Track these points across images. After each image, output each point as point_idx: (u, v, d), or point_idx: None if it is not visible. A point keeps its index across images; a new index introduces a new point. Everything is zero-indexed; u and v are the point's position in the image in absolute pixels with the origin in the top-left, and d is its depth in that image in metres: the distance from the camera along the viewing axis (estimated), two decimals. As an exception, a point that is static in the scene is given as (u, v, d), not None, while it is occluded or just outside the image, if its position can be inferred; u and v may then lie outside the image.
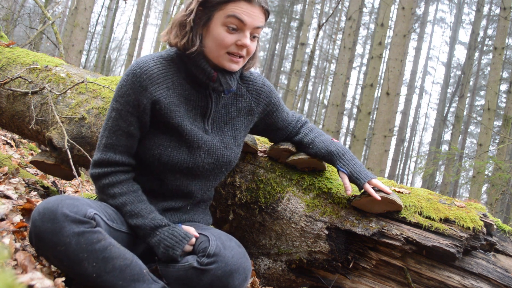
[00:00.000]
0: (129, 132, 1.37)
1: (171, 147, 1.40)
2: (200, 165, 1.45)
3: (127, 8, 29.90)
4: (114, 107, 1.37)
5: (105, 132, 1.40)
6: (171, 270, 1.28)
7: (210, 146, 1.46)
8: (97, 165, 1.40)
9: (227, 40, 1.33)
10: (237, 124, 1.54)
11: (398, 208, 1.63)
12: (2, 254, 0.91)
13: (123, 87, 1.36)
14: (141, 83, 1.34)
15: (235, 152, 1.54)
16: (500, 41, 9.10)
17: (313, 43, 6.89)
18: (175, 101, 1.39)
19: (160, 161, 1.40)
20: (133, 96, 1.34)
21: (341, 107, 13.20)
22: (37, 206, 1.18)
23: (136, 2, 19.04)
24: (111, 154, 1.38)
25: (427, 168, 9.77)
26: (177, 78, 1.40)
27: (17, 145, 3.72)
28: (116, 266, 1.17)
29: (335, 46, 18.22)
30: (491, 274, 1.60)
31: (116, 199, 1.36)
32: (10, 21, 7.67)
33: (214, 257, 1.23)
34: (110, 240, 1.20)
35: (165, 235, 1.32)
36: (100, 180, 1.39)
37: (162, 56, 1.40)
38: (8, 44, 2.42)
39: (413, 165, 23.31)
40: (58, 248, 1.13)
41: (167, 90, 1.37)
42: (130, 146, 1.40)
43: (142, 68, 1.35)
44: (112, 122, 1.38)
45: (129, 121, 1.36)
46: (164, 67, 1.38)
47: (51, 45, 11.51)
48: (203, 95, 1.44)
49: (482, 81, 17.83)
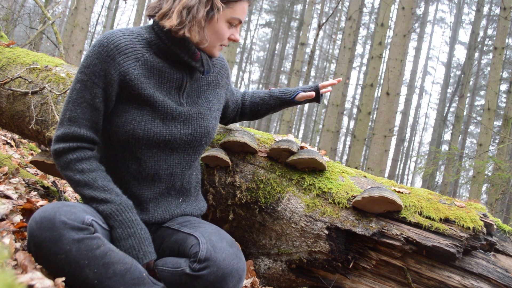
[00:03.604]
0: (94, 104, 1.33)
1: (144, 121, 1.36)
2: (177, 137, 1.42)
3: (127, 8, 29.93)
4: (79, 79, 1.32)
5: (69, 105, 1.33)
6: (165, 274, 1.28)
7: (185, 117, 1.44)
8: (61, 140, 1.33)
9: (226, 35, 1.42)
10: (209, 96, 1.56)
11: (398, 208, 1.63)
12: (2, 254, 0.91)
13: (88, 57, 1.32)
14: (108, 53, 1.31)
15: (213, 124, 1.53)
16: (500, 41, 9.10)
17: (313, 43, 6.89)
18: (145, 72, 1.37)
19: (135, 136, 1.36)
20: (99, 66, 1.31)
21: (341, 107, 13.20)
22: (33, 215, 1.16)
23: (136, 2, 19.05)
24: (76, 128, 1.33)
25: (427, 168, 9.77)
26: (147, 51, 1.38)
27: (17, 145, 3.72)
28: (117, 271, 1.16)
29: (335, 46, 18.22)
30: (491, 274, 1.60)
31: (86, 174, 1.30)
32: (10, 21, 7.67)
33: (205, 262, 1.22)
34: (109, 245, 1.19)
35: (131, 231, 1.29)
36: (66, 155, 1.32)
37: (130, 29, 1.39)
38: (8, 44, 2.42)
39: (413, 165, 23.32)
40: (58, 256, 1.12)
41: (136, 62, 1.35)
42: (95, 121, 1.35)
43: (109, 39, 1.32)
44: (76, 94, 1.32)
45: (94, 93, 1.31)
46: (133, 39, 1.36)
47: (51, 45, 11.52)
48: (177, 69, 1.43)
49: (482, 81, 17.83)
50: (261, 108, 1.91)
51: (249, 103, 1.92)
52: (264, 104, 1.90)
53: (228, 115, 1.87)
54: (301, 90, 1.86)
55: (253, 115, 1.95)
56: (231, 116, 1.89)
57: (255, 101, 1.91)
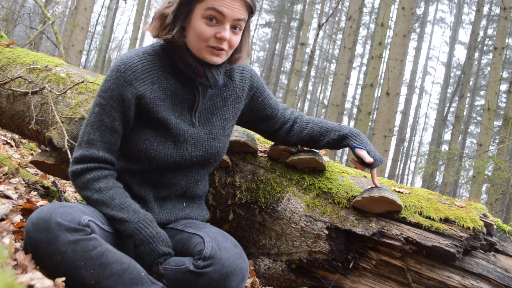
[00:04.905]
0: (113, 127, 1.35)
1: (157, 141, 1.40)
2: (188, 158, 1.45)
3: (127, 8, 29.93)
4: (97, 102, 1.36)
5: (87, 128, 1.36)
6: (168, 272, 1.28)
7: (196, 138, 1.45)
8: (79, 161, 1.36)
9: (207, 33, 1.31)
10: (225, 114, 1.53)
11: (398, 208, 1.63)
12: (2, 254, 0.91)
13: (107, 82, 1.35)
14: (126, 78, 1.33)
15: (223, 143, 1.53)
16: (500, 41, 9.10)
17: (313, 43, 6.89)
18: (160, 95, 1.38)
19: (147, 155, 1.39)
20: (117, 91, 1.33)
21: (341, 107, 13.19)
22: (30, 216, 1.17)
23: (136, 2, 19.05)
24: (94, 150, 1.35)
25: (427, 168, 9.77)
26: (162, 72, 1.40)
27: (17, 145, 3.72)
28: (114, 271, 1.16)
29: (335, 46, 18.22)
30: (491, 274, 1.60)
31: (103, 193, 1.32)
32: (10, 21, 7.67)
33: (209, 259, 1.22)
34: (106, 246, 1.19)
35: (150, 235, 1.31)
36: (84, 175, 1.34)
37: (147, 51, 1.40)
38: (8, 44, 2.42)
39: (413, 165, 23.31)
40: (54, 257, 1.12)
41: (152, 85, 1.37)
42: (113, 143, 1.38)
43: (127, 64, 1.34)
44: (95, 118, 1.35)
45: (113, 116, 1.34)
46: (149, 62, 1.38)
47: (51, 45, 11.52)
48: (190, 88, 1.44)
49: (482, 81, 17.82)
50: (301, 138, 1.75)
51: (292, 131, 1.74)
52: (304, 139, 1.74)
53: (267, 130, 1.73)
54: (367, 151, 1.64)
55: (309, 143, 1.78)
56: (270, 131, 1.74)
57: (300, 131, 1.74)
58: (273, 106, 1.69)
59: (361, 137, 1.66)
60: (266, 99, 1.67)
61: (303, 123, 1.73)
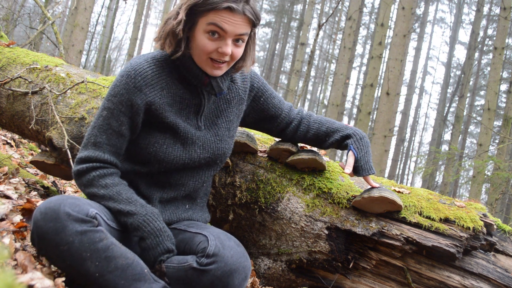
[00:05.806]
0: (120, 131, 1.37)
1: (166, 144, 1.43)
2: (196, 160, 1.48)
3: (127, 8, 29.88)
4: (105, 106, 1.37)
5: (94, 131, 1.38)
6: (171, 270, 1.28)
7: (204, 141, 1.49)
8: (84, 161, 1.37)
9: (208, 47, 1.33)
10: (229, 116, 1.57)
11: (398, 208, 1.63)
12: (2, 254, 0.91)
13: (116, 87, 1.37)
14: (136, 85, 1.36)
15: (229, 144, 1.58)
16: (500, 41, 9.10)
17: (313, 43, 6.88)
18: (169, 101, 1.42)
19: (156, 158, 1.42)
20: (126, 96, 1.35)
21: (341, 107, 13.20)
22: (39, 206, 1.18)
23: (136, 2, 19.04)
24: (100, 153, 1.37)
25: (427, 168, 9.78)
26: (170, 78, 1.42)
27: (17, 145, 3.72)
28: (118, 265, 1.17)
29: (335, 46, 18.22)
30: (491, 274, 1.60)
31: (110, 188, 1.33)
32: (10, 21, 7.67)
33: (213, 257, 1.23)
34: (112, 239, 1.20)
35: (157, 230, 1.32)
36: (89, 173, 1.35)
37: (156, 57, 1.42)
38: (8, 44, 2.42)
39: (413, 165, 23.30)
40: (61, 247, 1.13)
41: (161, 91, 1.40)
42: (119, 146, 1.40)
43: (137, 70, 1.37)
44: (102, 121, 1.37)
45: (120, 121, 1.36)
46: (158, 68, 1.40)
47: (51, 45, 11.52)
48: (196, 94, 1.47)
49: (482, 81, 17.82)
50: (308, 137, 1.77)
51: (299, 130, 1.75)
52: (311, 138, 1.76)
53: (273, 130, 1.76)
54: (356, 159, 1.62)
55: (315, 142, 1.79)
56: (277, 130, 1.76)
57: (307, 131, 1.75)
58: (277, 106, 1.71)
59: (361, 142, 1.64)
60: (269, 99, 1.69)
61: (310, 123, 1.74)
